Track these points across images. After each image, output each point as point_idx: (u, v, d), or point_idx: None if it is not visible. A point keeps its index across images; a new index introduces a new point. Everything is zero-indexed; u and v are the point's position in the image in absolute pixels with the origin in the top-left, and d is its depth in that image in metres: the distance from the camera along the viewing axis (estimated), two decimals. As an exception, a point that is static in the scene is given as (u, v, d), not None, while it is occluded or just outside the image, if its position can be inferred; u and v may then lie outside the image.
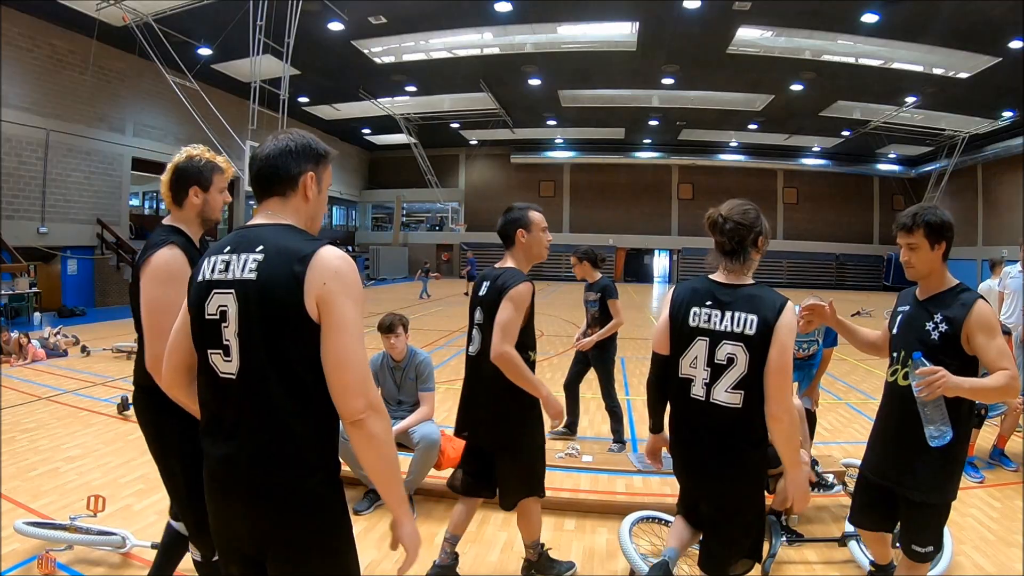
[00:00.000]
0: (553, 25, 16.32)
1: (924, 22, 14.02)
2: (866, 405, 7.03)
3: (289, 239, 1.50)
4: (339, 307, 1.45)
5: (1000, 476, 4.75)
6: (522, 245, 2.90)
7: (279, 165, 1.58)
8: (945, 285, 2.34)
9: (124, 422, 5.70)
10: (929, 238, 2.30)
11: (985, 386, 2.17)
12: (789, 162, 30.95)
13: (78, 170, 16.28)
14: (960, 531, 3.74)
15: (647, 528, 3.32)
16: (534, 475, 2.93)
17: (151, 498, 3.96)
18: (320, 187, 1.65)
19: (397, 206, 32.08)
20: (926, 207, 2.34)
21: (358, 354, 1.47)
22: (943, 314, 2.26)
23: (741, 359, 2.13)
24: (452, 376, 8.24)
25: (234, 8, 13.30)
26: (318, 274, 1.44)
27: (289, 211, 1.60)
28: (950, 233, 2.32)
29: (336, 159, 1.70)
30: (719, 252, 2.29)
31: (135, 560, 3.16)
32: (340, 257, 1.48)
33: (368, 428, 1.45)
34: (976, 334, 2.20)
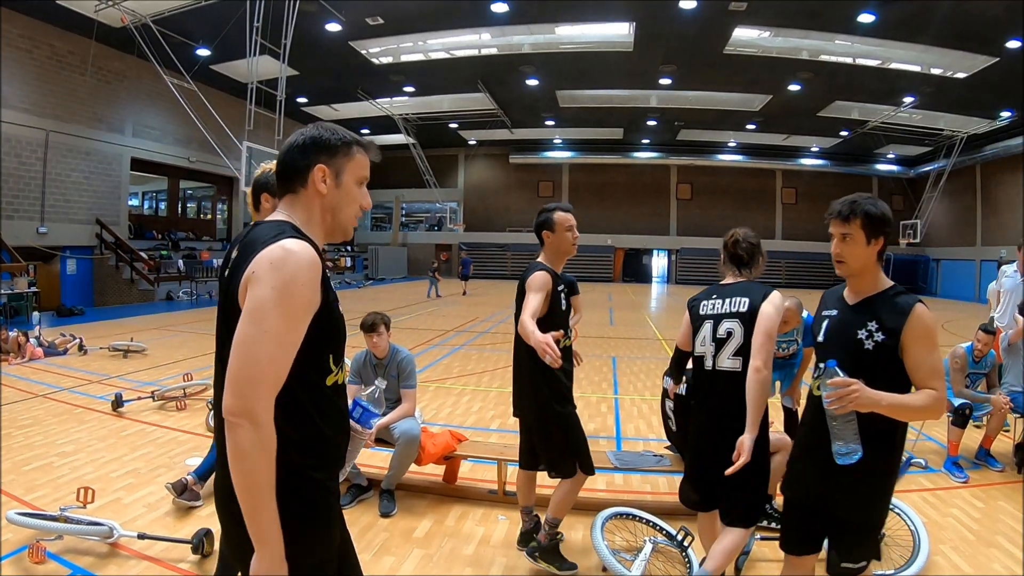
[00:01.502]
0: (550, 25, 16.35)
1: (921, 22, 14.01)
2: None
3: (263, 234, 1.43)
4: (254, 294, 1.33)
5: (986, 476, 4.74)
6: (549, 244, 3.19)
7: (288, 160, 1.54)
8: (879, 287, 2.11)
9: (117, 419, 5.77)
10: (866, 230, 2.07)
11: (906, 405, 1.97)
12: (788, 162, 30.92)
13: (77, 170, 16.35)
14: (940, 531, 3.75)
15: (620, 524, 3.39)
16: (567, 451, 3.08)
17: (140, 492, 4.04)
18: (339, 179, 1.54)
19: (396, 206, 32.15)
20: (866, 196, 2.12)
21: (256, 346, 1.31)
22: (879, 321, 2.03)
23: (737, 332, 2.64)
24: (444, 375, 8.32)
25: (232, 9, 13.36)
26: (254, 263, 1.36)
27: (300, 207, 1.53)
28: (889, 229, 2.10)
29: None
30: (732, 263, 2.88)
31: (122, 550, 3.23)
32: (285, 249, 1.36)
33: (233, 434, 1.29)
34: (913, 345, 1.99)
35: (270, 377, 1.32)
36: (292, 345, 1.35)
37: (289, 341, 1.34)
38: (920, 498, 4.29)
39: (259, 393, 1.30)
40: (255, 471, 1.29)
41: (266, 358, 1.31)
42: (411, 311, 16.18)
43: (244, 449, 1.28)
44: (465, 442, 4.24)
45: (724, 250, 2.92)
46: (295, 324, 1.35)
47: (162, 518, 3.66)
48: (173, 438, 5.20)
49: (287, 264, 1.34)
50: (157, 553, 3.21)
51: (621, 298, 22.06)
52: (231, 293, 1.41)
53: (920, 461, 4.97)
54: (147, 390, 6.49)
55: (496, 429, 5.75)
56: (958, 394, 4.95)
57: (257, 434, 1.29)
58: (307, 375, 1.41)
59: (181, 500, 3.72)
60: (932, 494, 4.39)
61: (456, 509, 3.92)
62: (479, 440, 4.83)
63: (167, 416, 5.89)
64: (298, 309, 1.35)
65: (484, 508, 3.94)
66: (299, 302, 1.35)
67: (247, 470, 1.29)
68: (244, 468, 1.29)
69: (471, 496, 4.10)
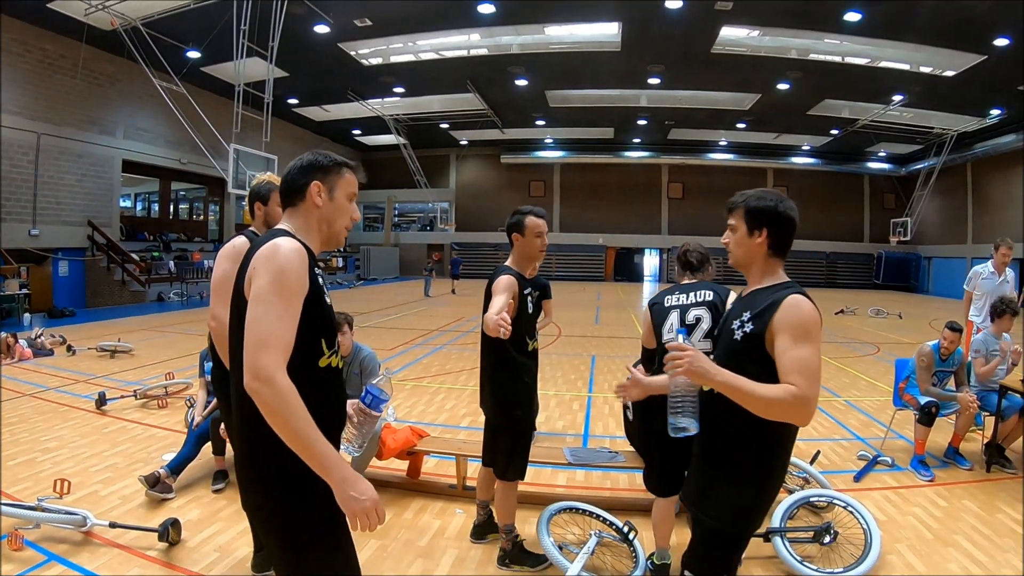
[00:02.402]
0: (538, 26, 16.47)
1: (907, 20, 14.09)
2: (829, 404, 7.04)
3: (263, 239, 1.74)
4: (256, 282, 1.62)
5: (953, 475, 4.75)
6: (517, 247, 3.22)
7: (289, 180, 1.84)
8: (767, 282, 2.00)
9: (100, 416, 5.91)
10: (747, 223, 1.99)
11: (746, 391, 1.77)
12: (779, 161, 30.99)
13: (69, 173, 16.46)
14: (898, 530, 3.75)
15: (570, 518, 3.49)
16: (509, 456, 3.17)
17: (116, 485, 4.20)
18: (332, 195, 1.83)
19: (388, 207, 32.25)
20: (764, 192, 2.02)
21: (261, 323, 1.57)
22: (751, 311, 1.93)
23: (705, 317, 2.88)
24: (423, 374, 8.46)
25: (221, 11, 13.45)
26: (253, 260, 1.67)
27: (299, 218, 1.82)
28: (776, 225, 1.97)
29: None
30: (685, 269, 3.28)
31: (95, 539, 3.39)
32: (276, 244, 1.66)
33: (260, 398, 1.53)
34: (777, 336, 1.83)
35: (276, 345, 1.57)
36: (291, 318, 1.62)
37: (288, 315, 1.61)
38: (883, 496, 4.31)
39: (269, 358, 1.55)
40: (290, 420, 1.53)
41: (270, 330, 1.57)
42: (399, 311, 16.31)
43: (273, 407, 1.53)
44: (427, 438, 4.35)
45: (678, 260, 3.33)
46: (290, 301, 1.62)
47: (135, 509, 3.80)
48: (152, 435, 5.34)
49: (278, 255, 1.64)
50: (128, 541, 3.35)
51: (610, 297, 22.20)
52: (240, 288, 1.69)
53: (887, 459, 4.97)
54: (130, 389, 6.63)
55: (465, 427, 5.86)
56: (924, 392, 4.97)
57: (277, 391, 1.53)
58: (304, 357, 1.67)
59: (153, 492, 3.87)
60: (895, 492, 4.40)
61: (416, 503, 4.04)
62: (447, 437, 4.96)
63: (148, 414, 6.03)
64: (291, 289, 1.63)
65: (443, 502, 4.06)
66: (291, 284, 1.63)
67: (283, 422, 1.53)
68: (280, 421, 1.54)
69: (432, 490, 4.21)
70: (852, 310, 18.39)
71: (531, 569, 3.21)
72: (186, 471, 4.19)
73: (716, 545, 2.01)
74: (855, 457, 5.14)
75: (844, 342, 12.36)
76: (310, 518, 1.66)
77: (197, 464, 4.31)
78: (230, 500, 3.97)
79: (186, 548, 3.32)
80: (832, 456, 5.19)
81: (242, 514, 3.59)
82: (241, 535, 3.47)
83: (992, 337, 5.25)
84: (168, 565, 3.15)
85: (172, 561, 3.19)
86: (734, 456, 1.94)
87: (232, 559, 3.22)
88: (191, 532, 3.49)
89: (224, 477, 4.20)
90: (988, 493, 4.37)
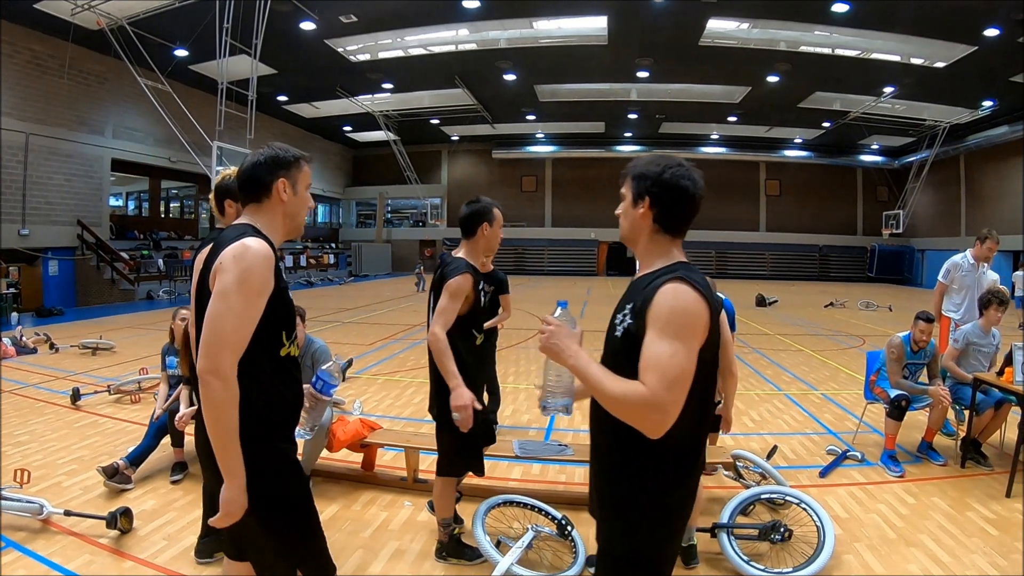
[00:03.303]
0: (525, 20, 16.49)
1: (895, 11, 14.06)
2: (805, 397, 7.03)
3: (231, 235, 1.80)
4: (222, 278, 1.71)
5: (925, 471, 4.62)
6: (481, 238, 3.08)
7: (253, 176, 1.89)
8: (657, 264, 1.68)
9: (74, 412, 6.01)
10: (632, 190, 1.71)
11: (598, 383, 1.52)
12: (771, 154, 31.03)
13: (58, 172, 16.53)
14: (860, 528, 3.64)
15: (512, 513, 3.51)
16: (447, 454, 3.16)
17: (80, 476, 4.29)
18: (296, 189, 1.92)
19: (380, 203, 32.30)
20: (660, 157, 1.71)
21: (222, 320, 1.67)
22: (632, 303, 1.64)
23: None
24: (397, 368, 8.53)
25: (207, 9, 13.43)
26: (221, 256, 1.74)
27: (264, 214, 1.89)
28: (660, 195, 1.65)
29: (318, 157, 2.07)
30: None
31: (53, 527, 3.49)
32: (244, 245, 1.74)
33: (204, 388, 1.66)
34: (647, 329, 1.54)
35: (233, 343, 1.69)
36: (251, 319, 1.72)
37: (248, 316, 1.71)
38: (847, 493, 4.19)
39: (224, 355, 1.66)
40: (224, 417, 1.67)
41: (229, 328, 1.67)
42: (385, 307, 16.40)
43: (214, 399, 1.66)
44: (379, 430, 4.42)
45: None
46: (252, 302, 1.72)
47: (95, 499, 3.89)
48: (122, 429, 5.43)
49: (246, 256, 1.72)
50: (83, 529, 3.45)
51: (600, 292, 22.23)
52: (205, 282, 1.78)
53: (856, 454, 4.87)
54: (105, 385, 6.72)
55: (430, 420, 5.89)
56: (895, 385, 4.83)
57: (224, 387, 1.66)
58: (266, 347, 1.78)
59: (111, 483, 3.95)
60: (862, 489, 4.28)
61: (366, 495, 4.08)
62: (397, 429, 5.05)
63: (120, 409, 6.12)
64: (254, 291, 1.72)
65: (393, 495, 4.10)
66: (255, 286, 1.72)
67: (217, 417, 1.67)
68: (215, 415, 1.67)
69: (384, 483, 4.25)
70: (842, 303, 18.43)
71: (468, 562, 3.21)
72: (148, 463, 4.27)
73: (611, 567, 1.71)
74: (824, 452, 5.03)
75: (830, 335, 12.44)
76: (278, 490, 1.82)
77: (159, 456, 4.39)
78: (186, 491, 4.05)
79: (136, 536, 3.40)
80: (800, 451, 5.12)
81: (195, 504, 3.77)
82: (190, 524, 3.55)
83: (980, 331, 5.00)
84: (117, 552, 3.24)
85: (121, 548, 3.27)
86: (614, 463, 1.67)
87: (178, 547, 3.30)
88: (144, 521, 3.57)
89: (183, 468, 4.28)
90: (960, 490, 4.23)
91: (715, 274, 31.16)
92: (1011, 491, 4.12)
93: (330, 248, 30.67)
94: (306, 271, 26.10)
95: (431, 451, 4.11)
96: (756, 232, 32.11)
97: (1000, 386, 4.51)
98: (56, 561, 3.12)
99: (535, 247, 31.45)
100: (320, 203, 33.01)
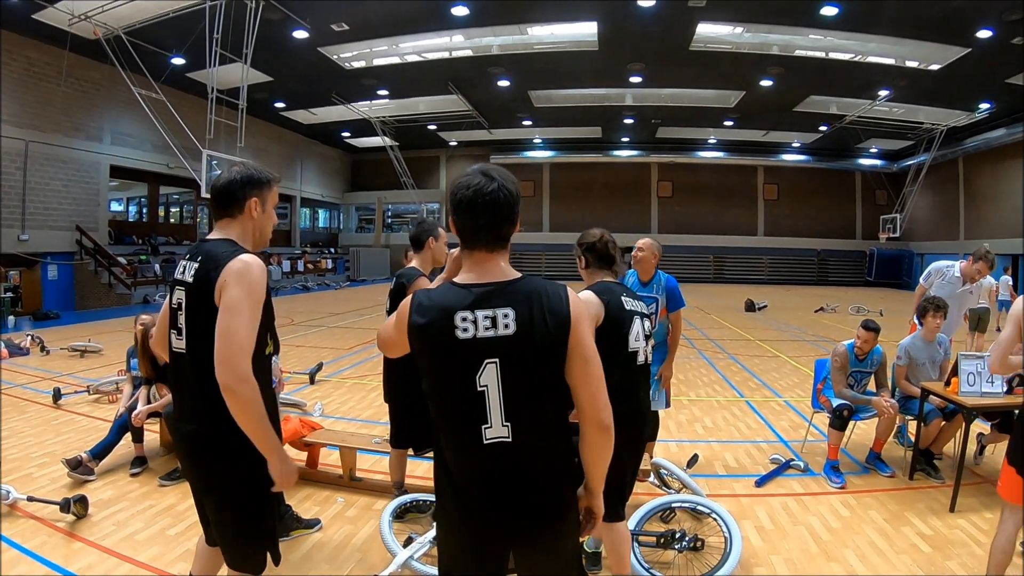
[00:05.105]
0: (516, 27, 16.64)
1: (885, 13, 14.06)
2: (766, 404, 7.07)
3: (219, 251, 2.01)
4: (227, 294, 1.91)
5: (871, 482, 4.53)
6: (428, 251, 3.54)
7: (228, 192, 2.10)
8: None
9: (55, 410, 6.25)
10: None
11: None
12: (769, 158, 30.88)
13: (56, 179, 16.80)
14: (781, 540, 3.58)
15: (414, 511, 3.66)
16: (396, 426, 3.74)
17: (49, 469, 4.52)
18: (265, 207, 2.15)
19: (379, 208, 32.55)
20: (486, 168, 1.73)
21: (232, 331, 1.88)
22: None
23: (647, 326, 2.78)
24: (368, 372, 8.69)
25: (202, 18, 13.62)
26: (223, 273, 1.94)
27: (236, 227, 2.11)
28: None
29: (317, 162, 2.30)
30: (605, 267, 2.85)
31: (19, 512, 3.76)
32: (243, 261, 1.97)
33: (232, 397, 1.85)
34: None
35: (248, 349, 1.91)
36: (256, 326, 1.96)
37: (255, 323, 1.96)
38: (781, 503, 4.13)
39: (243, 361, 1.88)
40: (254, 411, 1.89)
41: (244, 336, 1.90)
42: (376, 311, 16.46)
43: (243, 399, 1.86)
44: (319, 430, 4.65)
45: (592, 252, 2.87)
46: (257, 311, 1.96)
47: (59, 489, 4.12)
48: (96, 426, 5.62)
49: (250, 272, 1.95)
50: (45, 515, 3.70)
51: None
52: (203, 293, 1.97)
53: (800, 463, 4.80)
54: (85, 385, 6.94)
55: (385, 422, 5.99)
56: (838, 394, 4.75)
57: (249, 387, 1.87)
58: (257, 348, 1.97)
59: (75, 474, 4.16)
60: (797, 499, 4.20)
61: (303, 492, 4.22)
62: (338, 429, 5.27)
63: (97, 408, 6.34)
64: (258, 302, 1.97)
65: (329, 491, 4.26)
66: (257, 297, 1.97)
67: (249, 413, 1.88)
68: (247, 413, 1.88)
69: (323, 480, 4.42)
70: (832, 308, 18.43)
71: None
72: (112, 457, 4.50)
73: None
74: (768, 461, 4.97)
75: (812, 340, 12.45)
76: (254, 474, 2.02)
77: (125, 452, 4.60)
78: (142, 483, 4.30)
79: (90, 522, 3.65)
80: (744, 460, 5.06)
81: (147, 496, 4.02)
82: (139, 513, 3.81)
83: (921, 342, 4.85)
84: (70, 534, 3.50)
85: (73, 531, 3.54)
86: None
87: (125, 531, 3.57)
88: (99, 509, 3.81)
89: (142, 463, 4.53)
90: (902, 503, 4.12)
91: (713, 279, 31.36)
92: (955, 505, 4.01)
93: (328, 253, 30.91)
94: (303, 276, 26.35)
95: (366, 451, 4.43)
96: (754, 236, 32.12)
97: (945, 397, 4.38)
98: (15, 541, 3.38)
99: (533, 252, 31.56)
100: (320, 208, 33.30)
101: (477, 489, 1.60)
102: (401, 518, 3.63)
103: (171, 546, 3.38)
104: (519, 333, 1.55)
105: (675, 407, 6.70)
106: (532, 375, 1.58)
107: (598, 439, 1.64)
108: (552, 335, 1.57)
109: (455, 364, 1.56)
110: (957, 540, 3.60)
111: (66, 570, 3.10)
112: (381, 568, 3.09)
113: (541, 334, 1.56)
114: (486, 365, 1.54)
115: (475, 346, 1.53)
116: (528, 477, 1.61)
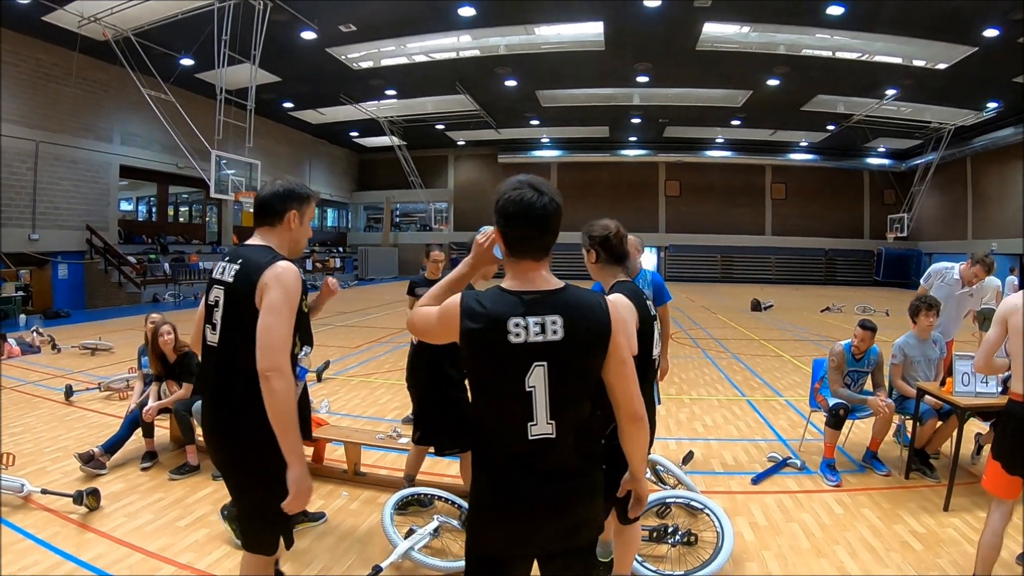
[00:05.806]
0: (523, 28, 16.70)
1: (891, 12, 14.01)
2: (767, 403, 7.06)
3: (260, 256, 2.16)
4: (268, 296, 2.07)
5: (866, 480, 4.56)
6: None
7: (269, 203, 2.26)
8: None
9: (66, 407, 6.37)
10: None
11: None
12: (776, 157, 30.75)
13: (67, 178, 16.98)
14: (774, 536, 3.62)
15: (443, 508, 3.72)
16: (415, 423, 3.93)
17: (63, 463, 4.64)
18: (302, 220, 2.31)
19: (387, 207, 32.67)
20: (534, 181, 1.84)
21: (273, 328, 2.04)
22: None
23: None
24: (374, 370, 8.80)
25: (210, 20, 13.72)
26: (265, 276, 2.09)
27: (274, 236, 2.26)
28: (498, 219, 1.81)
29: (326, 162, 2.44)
30: (618, 263, 2.77)
31: (32, 504, 3.87)
32: (282, 267, 2.13)
33: (268, 384, 1.99)
34: None
35: (286, 344, 2.06)
36: (292, 325, 2.11)
37: (292, 323, 2.11)
38: (776, 500, 4.17)
39: (281, 356, 2.03)
40: (286, 404, 2.00)
41: (282, 334, 2.05)
42: (383, 310, 16.65)
43: (278, 391, 1.99)
44: (325, 426, 4.74)
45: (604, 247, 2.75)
46: (293, 311, 2.11)
47: (72, 482, 4.22)
48: (106, 423, 5.73)
49: (288, 276, 2.12)
50: (58, 507, 3.81)
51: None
52: (242, 293, 2.12)
53: (797, 461, 4.84)
54: (97, 382, 7.07)
55: (390, 419, 6.10)
56: (834, 393, 4.78)
57: (286, 380, 2.00)
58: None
59: (87, 468, 4.27)
60: (792, 497, 4.24)
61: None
62: (343, 425, 5.35)
63: (108, 405, 6.46)
64: (294, 304, 2.12)
65: (333, 486, 4.34)
66: (295, 299, 2.13)
67: (281, 406, 2.00)
68: (279, 405, 1.99)
69: (328, 475, 4.50)
70: (838, 308, 18.34)
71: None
72: (124, 452, 4.62)
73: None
74: (766, 459, 5.02)
75: (815, 340, 12.44)
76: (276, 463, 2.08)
77: (137, 447, 4.72)
78: (152, 477, 4.42)
79: (102, 513, 3.75)
80: (741, 457, 5.11)
81: (156, 489, 4.12)
82: (149, 505, 3.92)
83: (916, 340, 4.87)
84: (82, 525, 3.60)
85: (86, 522, 3.64)
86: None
87: (135, 523, 3.68)
88: (111, 501, 3.91)
89: (153, 457, 4.63)
90: (895, 502, 4.15)
91: (720, 278, 31.32)
92: (949, 505, 4.02)
93: (337, 252, 31.03)
94: (311, 275, 26.48)
95: (371, 446, 4.52)
96: (761, 236, 32.02)
97: (940, 397, 4.38)
98: (30, 531, 3.49)
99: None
100: (328, 207, 33.47)
101: (526, 481, 1.70)
102: (404, 511, 3.71)
103: (180, 537, 3.48)
104: (566, 338, 1.67)
105: (675, 405, 6.80)
106: (575, 376, 1.71)
107: (635, 429, 1.83)
108: (595, 342, 1.72)
109: (507, 366, 1.67)
110: (949, 538, 3.62)
111: (78, 559, 3.19)
112: (381, 559, 3.16)
113: (585, 340, 1.70)
114: (535, 368, 1.65)
115: (526, 350, 1.65)
116: (568, 468, 1.73)
